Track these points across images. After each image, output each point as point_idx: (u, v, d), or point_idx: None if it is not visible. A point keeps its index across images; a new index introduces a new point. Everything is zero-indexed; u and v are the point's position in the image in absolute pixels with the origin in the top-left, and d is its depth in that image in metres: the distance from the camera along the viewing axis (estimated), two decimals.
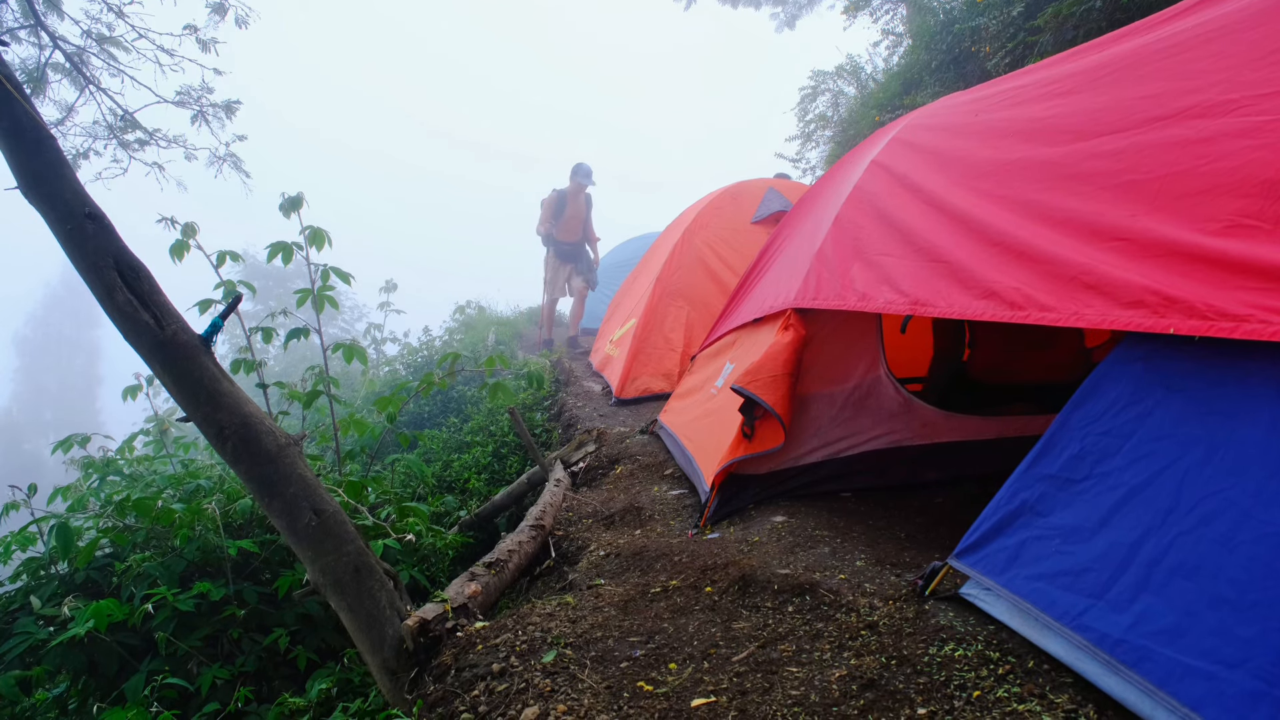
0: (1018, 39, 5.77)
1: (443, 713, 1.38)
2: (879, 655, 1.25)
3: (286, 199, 3.37)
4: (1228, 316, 1.08)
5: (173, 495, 2.84)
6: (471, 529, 3.42)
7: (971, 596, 1.32)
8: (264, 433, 1.86)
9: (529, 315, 13.01)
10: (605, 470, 3.48)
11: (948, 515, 2.19)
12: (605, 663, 1.44)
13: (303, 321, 3.87)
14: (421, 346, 8.80)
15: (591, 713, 1.25)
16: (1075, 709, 1.00)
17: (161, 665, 2.22)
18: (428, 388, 3.52)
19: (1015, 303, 1.51)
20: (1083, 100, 1.75)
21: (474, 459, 4.66)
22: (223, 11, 4.21)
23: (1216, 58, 1.45)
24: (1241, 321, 1.06)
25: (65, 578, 2.53)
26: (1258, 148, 1.23)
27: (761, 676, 1.28)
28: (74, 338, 48.86)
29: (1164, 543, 1.01)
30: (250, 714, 2.16)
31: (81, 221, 1.84)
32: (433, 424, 6.20)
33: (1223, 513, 0.96)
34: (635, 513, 2.65)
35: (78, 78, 3.75)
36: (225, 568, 2.48)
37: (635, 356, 4.99)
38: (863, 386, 2.44)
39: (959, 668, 1.15)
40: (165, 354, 1.84)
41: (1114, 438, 1.18)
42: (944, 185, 2.01)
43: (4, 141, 1.85)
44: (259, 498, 1.86)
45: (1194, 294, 1.14)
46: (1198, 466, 1.03)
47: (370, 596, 1.75)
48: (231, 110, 4.24)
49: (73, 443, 3.52)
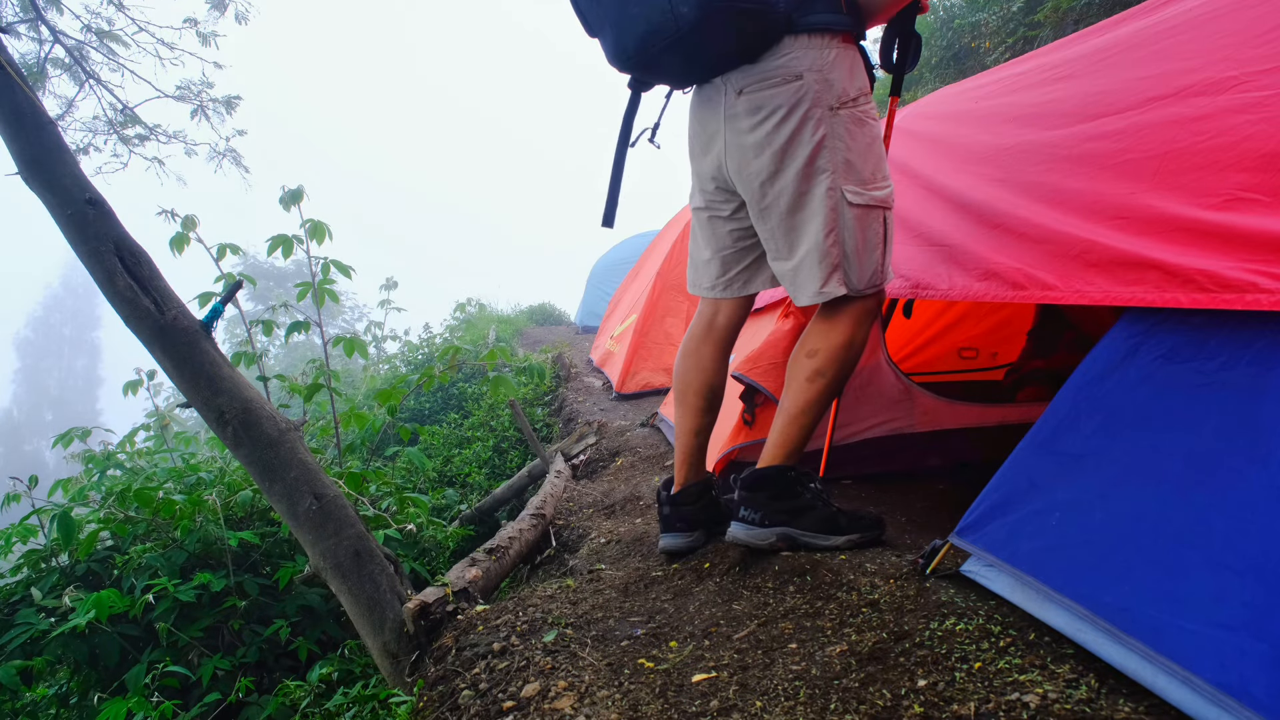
0: (1017, 34, 5.78)
1: (443, 691, 1.38)
2: (880, 631, 1.25)
3: (287, 192, 3.38)
4: (1230, 288, 1.08)
5: (174, 487, 2.84)
6: (472, 523, 3.43)
7: (972, 573, 1.32)
8: (265, 418, 1.87)
9: (529, 313, 13.02)
10: (606, 462, 3.48)
11: (950, 500, 2.18)
12: (606, 641, 1.44)
13: (303, 316, 3.87)
14: (422, 344, 8.82)
15: (592, 688, 1.25)
16: (1076, 678, 1.00)
17: (162, 656, 2.22)
18: (429, 381, 3.53)
19: (1017, 283, 1.51)
20: (1082, 84, 1.75)
21: (475, 454, 4.67)
22: (223, 7, 4.22)
23: (1216, 36, 1.45)
24: (1244, 292, 1.06)
25: (66, 569, 2.53)
26: (1257, 122, 1.22)
27: (762, 653, 1.28)
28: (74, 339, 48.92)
29: (1166, 512, 1.01)
30: (251, 704, 2.16)
31: (82, 207, 1.85)
32: (433, 420, 6.20)
33: (1228, 481, 0.96)
34: (636, 502, 2.65)
35: (78, 72, 3.76)
36: (226, 559, 2.48)
37: (636, 351, 5.00)
38: (862, 374, 2.44)
39: (960, 641, 1.15)
40: (166, 339, 1.85)
41: (1116, 411, 1.18)
42: (944, 170, 2.01)
43: (4, 127, 1.85)
44: (260, 482, 1.86)
45: (1195, 266, 1.14)
46: (1201, 436, 1.03)
47: (371, 580, 1.75)
48: (232, 105, 4.24)
49: (73, 437, 3.52)
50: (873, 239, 1.59)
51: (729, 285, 1.82)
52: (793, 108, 1.53)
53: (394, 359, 9.21)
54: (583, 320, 10.27)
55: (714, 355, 1.87)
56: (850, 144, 1.55)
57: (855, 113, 1.56)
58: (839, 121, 1.54)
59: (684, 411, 1.88)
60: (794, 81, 1.53)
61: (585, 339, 9.04)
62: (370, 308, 23.40)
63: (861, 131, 1.57)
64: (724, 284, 1.83)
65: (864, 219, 1.57)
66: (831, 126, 1.54)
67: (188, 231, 3.19)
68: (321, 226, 3.45)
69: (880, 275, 1.62)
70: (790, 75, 1.53)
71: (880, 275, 1.62)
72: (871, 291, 1.63)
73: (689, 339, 1.91)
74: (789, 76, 1.53)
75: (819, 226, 1.56)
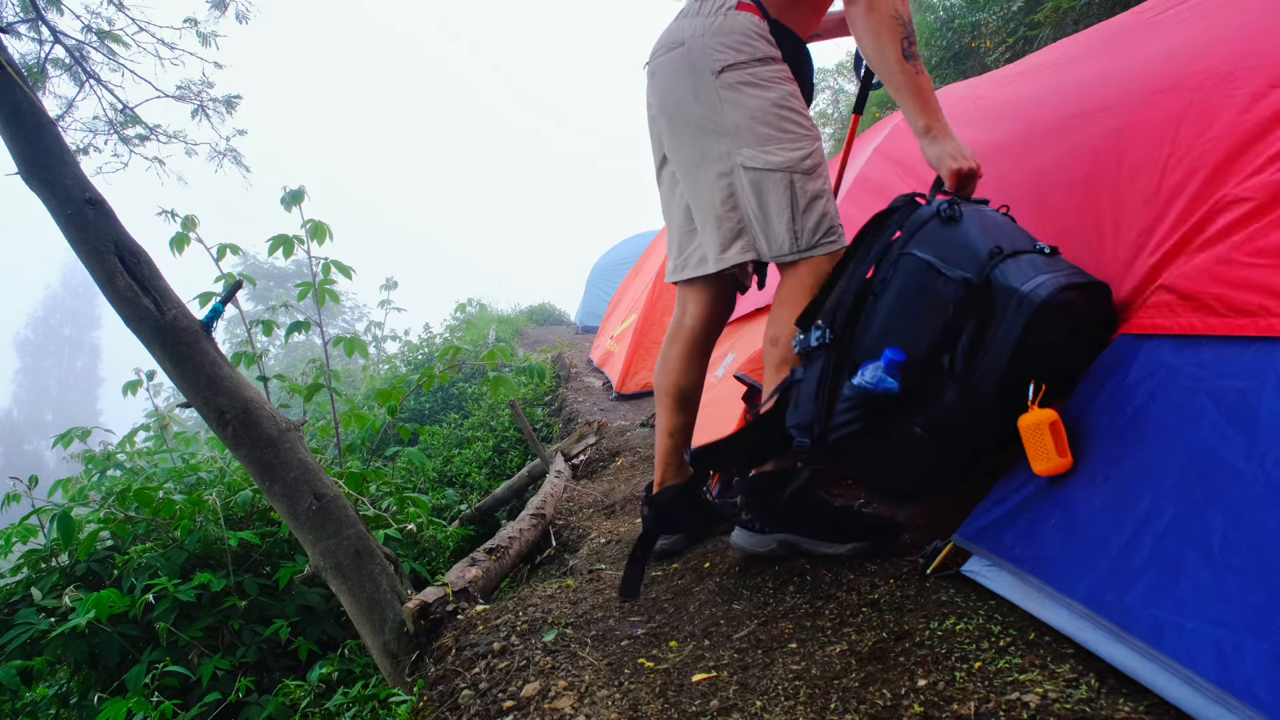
0: (1018, 34, 5.78)
1: (443, 690, 1.38)
2: (880, 631, 1.25)
3: (288, 192, 3.38)
4: (1242, 313, 1.06)
5: (174, 487, 2.84)
6: (472, 523, 3.43)
7: (973, 573, 1.32)
8: (264, 417, 1.87)
9: (529, 313, 13.03)
10: (606, 462, 3.48)
11: (950, 503, 2.18)
12: (606, 641, 1.44)
13: (303, 316, 3.87)
14: (422, 344, 8.82)
15: (592, 688, 1.25)
16: (1076, 677, 1.00)
17: (162, 655, 2.22)
18: (429, 381, 3.53)
19: None
20: (1080, 77, 1.75)
21: (475, 454, 4.67)
22: (223, 7, 4.22)
23: (1220, 28, 1.45)
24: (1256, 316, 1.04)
25: (66, 569, 2.53)
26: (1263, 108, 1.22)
27: (762, 653, 1.28)
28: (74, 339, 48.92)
29: (1171, 513, 1.00)
30: (251, 704, 2.16)
31: (82, 207, 1.85)
32: (433, 420, 6.20)
33: (1231, 482, 0.96)
34: (636, 502, 2.65)
35: (78, 72, 3.76)
36: (226, 559, 2.48)
37: (636, 351, 5.00)
38: None
39: (960, 641, 1.15)
40: (166, 339, 1.85)
41: (1117, 413, 1.18)
42: None
43: (4, 127, 1.85)
44: (260, 482, 1.86)
45: (1202, 288, 1.13)
46: (1200, 435, 1.03)
47: (371, 580, 1.75)
48: (232, 105, 4.24)
49: (73, 437, 3.52)
50: (777, 203, 1.52)
51: (682, 267, 1.76)
52: (681, 72, 1.57)
53: (394, 359, 9.23)
54: (583, 320, 10.29)
55: (681, 356, 1.80)
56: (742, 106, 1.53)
57: (744, 75, 1.53)
58: (725, 85, 1.52)
59: (660, 411, 1.84)
60: (678, 49, 1.58)
61: (585, 339, 9.05)
62: (370, 308, 23.42)
63: (753, 94, 1.53)
64: (679, 265, 1.77)
65: (761, 183, 1.52)
66: (718, 91, 1.53)
67: (188, 231, 3.20)
68: (322, 227, 3.45)
69: (800, 241, 1.53)
70: (675, 43, 1.59)
71: (800, 241, 1.53)
72: (796, 258, 1.55)
73: (665, 339, 1.87)
74: (672, 44, 1.60)
75: (716, 190, 1.56)
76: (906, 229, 1.35)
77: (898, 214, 1.40)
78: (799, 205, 1.52)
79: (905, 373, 1.24)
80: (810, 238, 1.54)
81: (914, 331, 1.27)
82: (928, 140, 1.45)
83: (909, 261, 1.30)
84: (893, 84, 1.46)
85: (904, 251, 1.32)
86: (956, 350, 1.23)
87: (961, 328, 1.23)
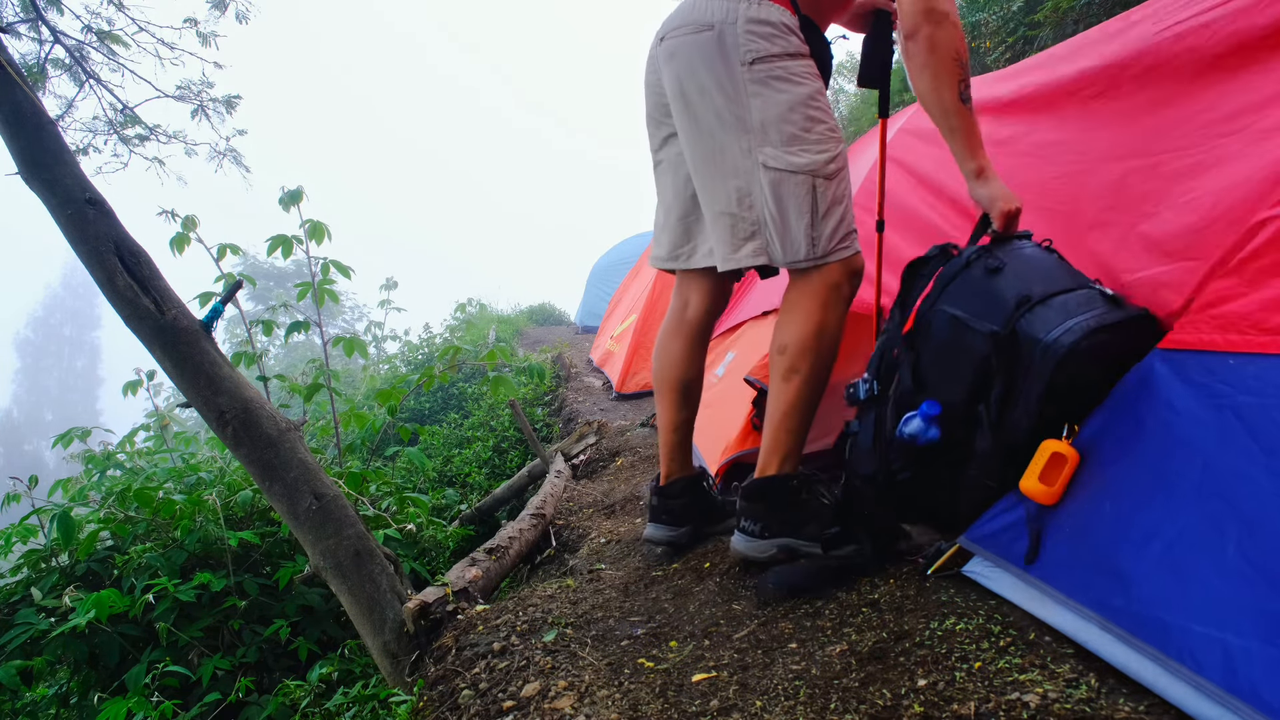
0: (1018, 34, 5.78)
1: (443, 690, 1.38)
2: (879, 631, 1.25)
3: (286, 193, 3.38)
4: (1266, 331, 1.06)
5: (174, 487, 2.84)
6: (472, 523, 3.42)
7: (974, 574, 1.32)
8: (264, 417, 1.87)
9: (529, 313, 13.03)
10: (606, 462, 3.48)
11: None
12: (606, 641, 1.44)
13: (303, 316, 3.87)
14: (422, 344, 8.83)
15: (592, 688, 1.25)
16: (1076, 678, 1.00)
17: (162, 655, 2.22)
18: (429, 381, 3.53)
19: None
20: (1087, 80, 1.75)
21: (475, 454, 4.67)
22: (223, 7, 4.22)
23: None
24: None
25: (66, 569, 2.53)
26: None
27: (762, 653, 1.28)
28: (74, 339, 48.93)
29: (1185, 522, 1.00)
30: (251, 704, 2.16)
31: (82, 207, 1.85)
32: (433, 420, 6.20)
33: (1250, 494, 0.96)
34: (636, 502, 2.65)
35: (78, 72, 3.76)
36: (226, 559, 2.48)
37: (636, 351, 5.00)
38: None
39: (960, 641, 1.15)
40: (165, 339, 1.85)
41: (1127, 419, 1.17)
42: (950, 175, 2.00)
43: (4, 127, 1.85)
44: (260, 482, 1.86)
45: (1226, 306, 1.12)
46: (1211, 442, 1.03)
47: (371, 580, 1.75)
48: (232, 105, 4.24)
49: (73, 437, 3.52)
50: (797, 207, 1.47)
51: (690, 255, 1.73)
52: (708, 58, 1.48)
53: (394, 359, 9.23)
54: (583, 320, 10.29)
55: (684, 349, 1.79)
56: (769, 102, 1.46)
57: (774, 68, 1.46)
58: (754, 78, 1.46)
59: (662, 406, 1.83)
60: (706, 31, 1.48)
61: (585, 339, 9.05)
62: (370, 308, 23.41)
63: (783, 89, 1.47)
64: (685, 252, 1.73)
65: (781, 185, 1.46)
66: (744, 83, 1.46)
67: (188, 231, 3.20)
68: (321, 227, 3.45)
69: (818, 248, 1.49)
70: (703, 25, 1.49)
71: (818, 248, 1.49)
72: (811, 265, 1.50)
73: (662, 332, 1.85)
74: (700, 25, 1.49)
75: (731, 188, 1.50)
76: (938, 283, 1.41)
77: (931, 263, 1.45)
78: (819, 210, 1.48)
79: (944, 424, 1.32)
80: (827, 244, 1.49)
81: (951, 383, 1.34)
82: (978, 183, 1.46)
83: (940, 317, 1.37)
84: (946, 125, 1.45)
85: (935, 308, 1.38)
86: (990, 400, 1.28)
87: (993, 379, 1.28)
